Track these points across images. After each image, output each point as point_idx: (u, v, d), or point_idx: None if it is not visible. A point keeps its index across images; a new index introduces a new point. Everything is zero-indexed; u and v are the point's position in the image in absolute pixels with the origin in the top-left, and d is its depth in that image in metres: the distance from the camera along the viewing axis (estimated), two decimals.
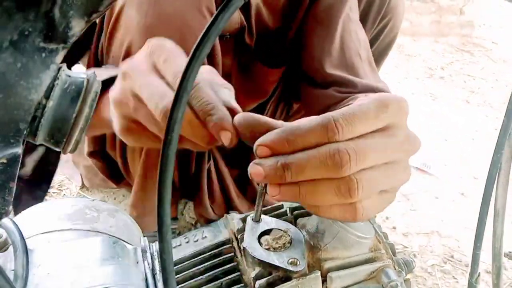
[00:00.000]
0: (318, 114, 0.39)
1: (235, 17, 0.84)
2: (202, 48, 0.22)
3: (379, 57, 1.13)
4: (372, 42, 1.05)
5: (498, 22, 3.16)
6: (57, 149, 0.29)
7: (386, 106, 0.38)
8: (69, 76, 0.27)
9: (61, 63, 0.27)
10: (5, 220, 0.39)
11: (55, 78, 0.26)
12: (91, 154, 0.97)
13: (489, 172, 0.49)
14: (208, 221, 0.97)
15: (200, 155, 0.90)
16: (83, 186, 1.30)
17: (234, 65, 0.93)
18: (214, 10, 0.75)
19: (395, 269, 0.41)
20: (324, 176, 0.36)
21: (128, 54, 0.70)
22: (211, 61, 0.80)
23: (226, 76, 0.69)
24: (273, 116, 1.07)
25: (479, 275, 0.55)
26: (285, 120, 1.07)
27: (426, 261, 1.31)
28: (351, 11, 0.90)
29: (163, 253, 0.25)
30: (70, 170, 1.30)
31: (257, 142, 0.38)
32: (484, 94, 2.35)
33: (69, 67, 0.29)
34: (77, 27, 0.25)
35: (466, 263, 1.30)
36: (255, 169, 0.37)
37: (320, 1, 0.87)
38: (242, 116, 0.41)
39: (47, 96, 0.26)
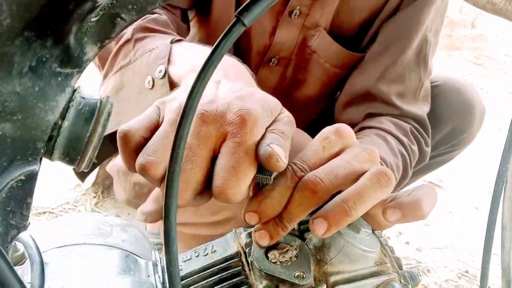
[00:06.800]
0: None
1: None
2: (206, 71, 0.23)
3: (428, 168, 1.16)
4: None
5: (511, 35, 3.15)
6: (71, 166, 0.31)
7: (326, 137, 0.44)
8: (83, 98, 0.29)
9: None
10: (23, 235, 0.41)
11: (70, 100, 0.28)
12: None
13: (495, 187, 0.49)
14: None
15: None
16: (97, 202, 1.33)
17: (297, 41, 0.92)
18: None
19: (401, 282, 0.42)
20: (311, 205, 0.41)
21: None
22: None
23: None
24: None
25: None
26: None
27: (440, 276, 1.29)
28: (429, 31, 0.90)
29: (170, 266, 0.26)
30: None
31: (243, 210, 0.41)
32: (498, 108, 2.33)
33: None
34: (91, 52, 0.27)
35: None
36: (261, 236, 0.41)
37: (396, 17, 0.89)
38: None
39: (63, 117, 0.28)
